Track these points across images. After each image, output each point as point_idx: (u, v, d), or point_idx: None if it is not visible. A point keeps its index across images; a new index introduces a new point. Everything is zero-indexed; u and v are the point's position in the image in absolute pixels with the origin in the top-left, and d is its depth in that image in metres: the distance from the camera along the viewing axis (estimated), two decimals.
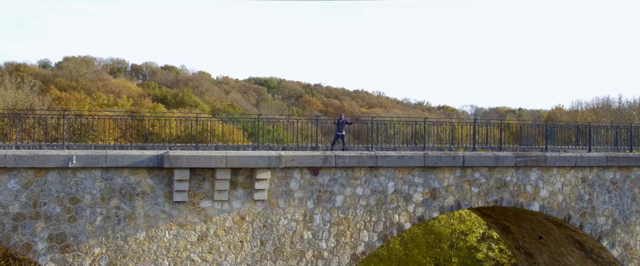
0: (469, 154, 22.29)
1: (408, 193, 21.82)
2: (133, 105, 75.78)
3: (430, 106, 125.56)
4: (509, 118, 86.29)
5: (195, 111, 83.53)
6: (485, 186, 22.62)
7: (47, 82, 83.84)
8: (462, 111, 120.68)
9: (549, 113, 76.33)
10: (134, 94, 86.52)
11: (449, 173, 22.23)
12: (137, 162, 19.25)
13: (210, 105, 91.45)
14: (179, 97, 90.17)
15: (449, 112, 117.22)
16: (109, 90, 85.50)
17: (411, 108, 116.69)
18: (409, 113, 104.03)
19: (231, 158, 19.55)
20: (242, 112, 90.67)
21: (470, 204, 22.50)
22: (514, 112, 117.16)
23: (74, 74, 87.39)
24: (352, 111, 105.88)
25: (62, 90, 79.63)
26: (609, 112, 59.63)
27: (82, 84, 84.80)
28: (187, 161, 19.22)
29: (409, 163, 21.60)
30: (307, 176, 20.86)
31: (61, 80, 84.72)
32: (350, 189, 21.25)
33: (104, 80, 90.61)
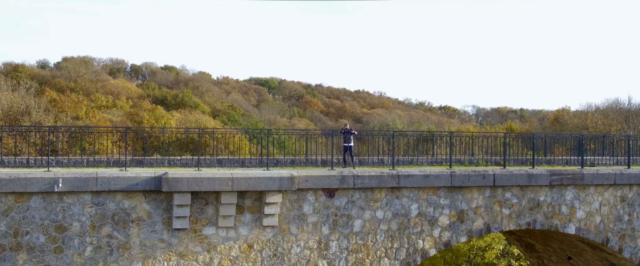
0: (500, 172, 19.82)
1: (433, 215, 19.36)
2: (132, 107, 73.25)
3: (431, 106, 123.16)
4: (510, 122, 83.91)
5: (195, 112, 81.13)
6: (517, 207, 20.16)
7: (46, 82, 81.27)
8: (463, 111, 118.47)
9: (555, 115, 73.91)
10: (133, 95, 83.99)
11: (478, 193, 19.77)
12: (132, 185, 16.76)
13: (211, 106, 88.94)
14: (179, 98, 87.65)
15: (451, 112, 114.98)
16: (108, 91, 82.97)
17: (412, 109, 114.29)
18: (411, 114, 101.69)
19: (238, 179, 17.06)
20: (243, 113, 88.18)
21: (500, 227, 20.06)
22: (515, 113, 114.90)
23: (73, 75, 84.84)
24: (353, 112, 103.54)
25: (61, 91, 77.07)
26: (619, 114, 57.18)
27: (81, 85, 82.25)
28: (188, 183, 16.73)
29: (435, 182, 19.14)
30: (322, 199, 18.40)
31: (60, 81, 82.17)
32: (369, 212, 18.79)
33: (103, 81, 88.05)
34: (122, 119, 66.57)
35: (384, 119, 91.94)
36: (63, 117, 59.85)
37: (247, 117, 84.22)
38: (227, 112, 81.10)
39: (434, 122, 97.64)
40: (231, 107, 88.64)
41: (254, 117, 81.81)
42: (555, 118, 72.23)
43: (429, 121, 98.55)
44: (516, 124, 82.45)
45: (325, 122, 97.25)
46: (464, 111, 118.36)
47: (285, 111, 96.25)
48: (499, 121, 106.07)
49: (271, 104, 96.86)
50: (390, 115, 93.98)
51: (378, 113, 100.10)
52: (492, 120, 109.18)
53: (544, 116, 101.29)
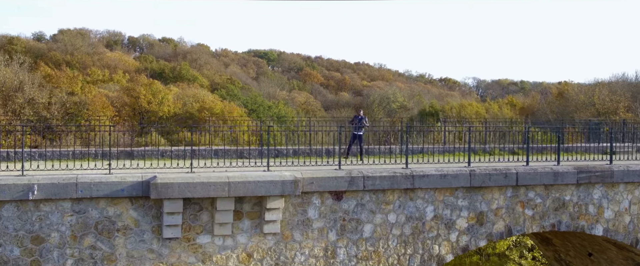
0: (523, 171, 17.80)
1: (450, 218, 17.39)
2: (129, 81, 70.96)
3: (431, 78, 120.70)
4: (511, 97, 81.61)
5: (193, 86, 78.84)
6: (540, 207, 18.19)
7: (42, 55, 78.80)
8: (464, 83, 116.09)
9: (559, 89, 71.66)
10: (130, 69, 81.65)
11: (499, 192, 17.78)
12: (117, 191, 14.73)
13: (209, 79, 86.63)
14: (177, 71, 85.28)
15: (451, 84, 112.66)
16: (104, 64, 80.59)
17: (413, 81, 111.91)
18: (411, 87, 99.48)
19: (235, 184, 15.03)
20: (242, 86, 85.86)
21: (523, 229, 18.11)
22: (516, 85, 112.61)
23: (69, 48, 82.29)
24: (353, 84, 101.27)
25: (57, 65, 74.66)
26: (627, 90, 55.00)
27: (78, 58, 79.80)
28: (180, 189, 14.70)
29: (452, 183, 17.13)
30: (328, 202, 16.40)
31: (56, 54, 79.66)
32: (381, 216, 16.81)
33: (100, 53, 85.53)
34: (118, 94, 64.35)
35: (384, 92, 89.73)
36: (58, 93, 57.58)
37: (246, 90, 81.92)
38: (226, 86, 78.78)
39: (434, 95, 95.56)
40: (230, 80, 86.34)
41: (253, 91, 79.55)
42: (559, 93, 70.04)
43: (430, 94, 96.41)
44: (518, 99, 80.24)
45: (325, 95, 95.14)
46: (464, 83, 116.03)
47: (285, 84, 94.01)
48: (500, 94, 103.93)
49: (270, 77, 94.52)
50: (391, 88, 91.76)
51: (378, 86, 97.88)
52: (492, 92, 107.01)
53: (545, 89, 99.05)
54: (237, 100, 69.76)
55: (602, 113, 51.92)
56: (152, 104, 62.83)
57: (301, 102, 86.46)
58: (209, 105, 62.42)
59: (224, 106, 63.89)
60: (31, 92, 55.47)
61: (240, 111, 65.54)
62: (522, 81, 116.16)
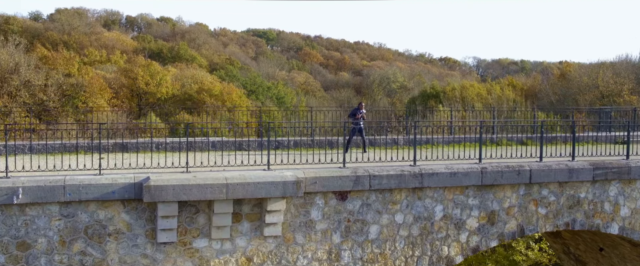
0: (537, 167, 16.77)
1: (460, 218, 16.41)
2: (126, 62, 69.66)
3: (432, 57, 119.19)
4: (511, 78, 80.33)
5: (191, 66, 77.54)
6: (554, 205, 17.21)
7: (39, 35, 77.40)
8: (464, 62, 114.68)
9: (561, 70, 70.41)
10: (128, 49, 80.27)
11: (511, 191, 16.77)
12: (108, 193, 13.72)
13: (208, 59, 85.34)
14: (175, 51, 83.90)
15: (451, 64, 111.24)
16: (102, 44, 79.18)
17: (413, 60, 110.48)
18: (411, 67, 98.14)
19: (234, 186, 14.01)
20: (241, 66, 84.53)
21: (536, 229, 17.15)
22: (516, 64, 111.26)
23: (67, 28, 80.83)
24: (353, 64, 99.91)
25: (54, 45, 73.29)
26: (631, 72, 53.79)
27: (75, 38, 78.40)
28: (175, 192, 13.68)
29: (463, 181, 16.11)
30: (332, 202, 15.40)
31: (53, 34, 78.29)
32: (387, 216, 15.82)
33: (97, 33, 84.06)
34: (116, 75, 63.07)
35: (384, 72, 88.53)
36: (54, 74, 56.32)
37: (245, 70, 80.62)
38: (224, 67, 77.46)
39: (435, 75, 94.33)
40: (229, 60, 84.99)
41: (252, 72, 78.26)
42: (561, 74, 68.79)
43: (430, 73, 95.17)
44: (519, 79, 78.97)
45: (324, 75, 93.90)
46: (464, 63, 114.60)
47: (284, 64, 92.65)
48: (500, 74, 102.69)
49: (270, 57, 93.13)
50: (391, 68, 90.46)
51: (378, 66, 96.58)
52: (492, 72, 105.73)
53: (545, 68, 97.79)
54: (236, 81, 68.52)
55: (606, 96, 50.83)
56: (150, 86, 61.63)
57: (301, 82, 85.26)
58: (207, 87, 61.22)
59: (223, 87, 62.67)
60: (27, 75, 54.23)
61: (239, 92, 64.31)
62: (523, 60, 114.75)
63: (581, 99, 52.46)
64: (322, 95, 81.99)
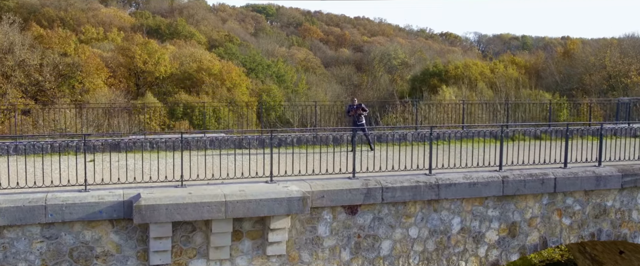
0: (562, 176, 15.29)
1: (479, 230, 14.97)
2: (124, 40, 67.74)
3: (432, 33, 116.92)
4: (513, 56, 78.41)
5: (190, 43, 75.65)
6: (579, 215, 15.76)
7: (34, 12, 75.30)
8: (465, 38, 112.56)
9: (564, 47, 68.52)
10: (125, 25, 78.22)
11: (534, 200, 15.31)
12: (94, 213, 12.24)
13: (206, 35, 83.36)
14: (173, 28, 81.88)
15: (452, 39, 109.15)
16: (99, 21, 77.14)
17: (414, 36, 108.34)
18: (412, 43, 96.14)
19: (233, 204, 12.52)
20: (240, 43, 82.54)
21: (559, 240, 15.73)
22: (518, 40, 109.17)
23: (63, 4, 78.67)
24: (354, 40, 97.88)
25: (50, 22, 71.27)
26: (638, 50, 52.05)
27: (72, 15, 76.34)
28: (168, 212, 12.19)
29: (483, 191, 14.65)
30: (341, 216, 13.94)
31: (49, 10, 76.20)
32: (401, 230, 14.38)
33: (95, 9, 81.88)
34: (113, 54, 61.30)
35: (385, 49, 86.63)
36: (50, 54, 54.52)
37: (244, 47, 78.73)
38: (224, 44, 75.52)
39: (436, 51, 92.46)
40: (228, 37, 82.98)
41: (252, 49, 76.34)
42: (564, 52, 66.99)
43: (431, 49, 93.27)
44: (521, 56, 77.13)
45: (325, 51, 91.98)
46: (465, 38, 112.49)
47: (284, 40, 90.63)
48: (502, 49, 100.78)
49: (269, 33, 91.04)
50: (392, 44, 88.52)
51: (379, 41, 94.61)
52: (494, 48, 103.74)
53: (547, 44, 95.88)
54: (235, 59, 66.71)
55: (613, 76, 49.20)
56: (148, 64, 59.91)
57: (301, 59, 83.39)
58: (206, 65, 59.49)
59: (222, 66, 60.93)
60: (22, 54, 52.50)
61: (238, 71, 62.57)
62: (524, 35, 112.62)
63: (587, 79, 50.85)
64: (323, 72, 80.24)
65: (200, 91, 57.03)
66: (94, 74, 54.78)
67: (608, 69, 49.94)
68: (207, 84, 57.49)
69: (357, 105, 19.65)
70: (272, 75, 67.38)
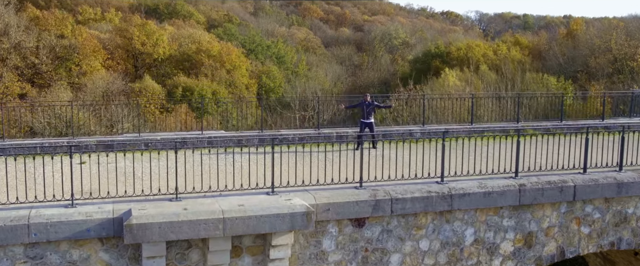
0: (582, 183, 14.25)
1: (493, 242, 13.99)
2: (121, 21, 66.27)
3: (433, 12, 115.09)
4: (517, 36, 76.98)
5: (188, 23, 74.25)
6: (599, 223, 14.77)
7: None
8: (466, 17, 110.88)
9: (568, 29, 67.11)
10: (123, 5, 76.67)
11: (552, 209, 14.30)
12: (81, 232, 11.22)
13: (206, 15, 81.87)
14: (172, 7, 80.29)
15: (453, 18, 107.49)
16: (97, 0, 75.51)
17: (414, 15, 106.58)
18: (413, 22, 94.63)
19: (232, 220, 11.50)
20: (239, 23, 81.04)
21: (577, 250, 14.76)
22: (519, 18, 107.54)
23: None
24: (354, 19, 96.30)
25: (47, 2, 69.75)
26: None
27: None
28: (161, 231, 11.17)
29: (498, 201, 13.63)
30: (347, 229, 12.94)
31: None
32: (411, 243, 13.39)
33: None
34: (110, 35, 59.92)
35: (386, 28, 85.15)
36: (46, 36, 53.15)
37: (243, 27, 77.23)
38: (223, 25, 74.04)
39: (437, 31, 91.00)
40: (227, 16, 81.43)
41: (251, 29, 74.85)
42: (567, 32, 65.60)
43: (432, 29, 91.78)
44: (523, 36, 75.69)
45: (325, 31, 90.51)
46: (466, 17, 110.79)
47: (284, 19, 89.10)
48: (503, 28, 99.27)
49: (269, 13, 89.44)
50: (393, 24, 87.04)
51: (379, 21, 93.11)
52: (495, 27, 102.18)
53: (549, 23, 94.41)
54: (234, 40, 65.33)
55: (618, 59, 47.97)
56: (146, 46, 58.52)
57: (301, 38, 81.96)
58: (206, 47, 58.14)
59: (222, 47, 59.59)
60: (17, 37, 51.11)
61: (238, 52, 61.22)
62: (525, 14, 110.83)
63: (593, 62, 49.63)
64: (323, 52, 78.91)
65: (199, 73, 55.79)
66: (91, 56, 53.47)
67: (614, 51, 48.66)
68: (206, 66, 56.22)
69: (369, 102, 18.56)
70: (272, 56, 66.06)
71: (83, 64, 53.09)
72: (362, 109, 18.66)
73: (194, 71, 56.37)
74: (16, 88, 48.17)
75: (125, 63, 58.30)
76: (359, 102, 19.32)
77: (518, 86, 40.61)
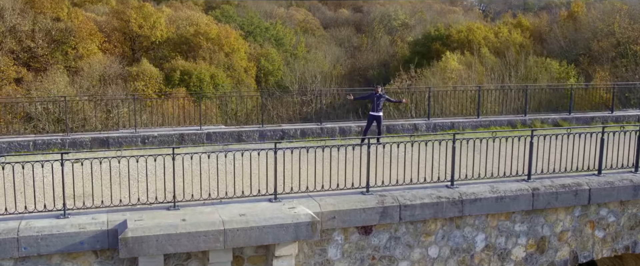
0: (597, 186, 13.60)
1: (505, 247, 13.37)
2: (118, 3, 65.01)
3: None
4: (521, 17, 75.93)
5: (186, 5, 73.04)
6: (614, 227, 14.16)
7: None
8: None
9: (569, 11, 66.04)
10: None
11: (565, 213, 13.67)
12: (74, 244, 10.56)
13: None
14: None
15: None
16: None
17: None
18: (413, 3, 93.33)
19: (233, 232, 10.84)
20: (237, 4, 79.78)
21: (591, 255, 14.16)
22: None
23: None
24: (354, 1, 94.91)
25: None
26: None
27: None
28: (159, 243, 10.52)
29: (511, 206, 12.99)
30: (354, 237, 12.30)
31: None
32: (419, 250, 12.77)
33: None
34: (107, 18, 58.80)
35: (385, 10, 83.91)
36: (42, 19, 52.06)
37: (242, 8, 76.03)
38: (221, 6, 72.85)
39: (436, 12, 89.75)
40: None
41: (250, 10, 73.66)
42: (569, 15, 64.53)
43: (432, 10, 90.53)
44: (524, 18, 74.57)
45: (324, 12, 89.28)
46: None
47: None
48: (503, 9, 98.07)
49: None
50: (392, 5, 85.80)
51: (379, 2, 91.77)
52: (495, 7, 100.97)
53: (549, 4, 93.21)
54: (233, 22, 64.24)
55: (622, 43, 47.12)
56: (143, 29, 57.45)
57: (299, 20, 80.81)
58: (204, 29, 57.09)
59: (220, 30, 58.55)
60: (12, 20, 50.04)
61: (236, 35, 60.20)
62: None
63: (595, 46, 48.78)
64: (322, 34, 77.82)
65: (197, 56, 54.86)
66: (88, 40, 52.46)
67: (617, 35, 47.77)
68: (204, 49, 55.29)
69: (380, 94, 17.80)
70: (271, 38, 65.06)
71: (79, 47, 52.10)
72: (372, 101, 17.93)
73: (192, 53, 55.43)
74: (12, 72, 47.27)
75: (122, 46, 57.30)
76: (369, 94, 18.61)
77: (522, 71, 39.79)
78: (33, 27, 50.98)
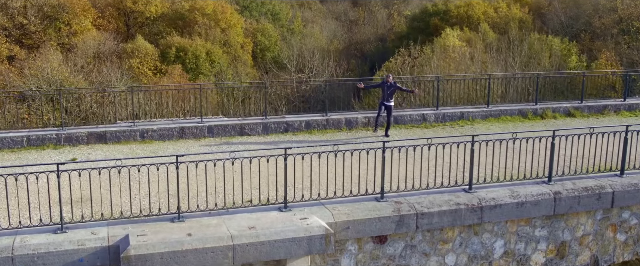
0: (620, 188, 12.90)
1: (524, 253, 12.71)
2: None
3: None
4: None
5: None
6: (635, 229, 13.51)
7: None
8: None
9: None
10: None
11: (587, 216, 12.99)
12: (73, 262, 9.82)
13: None
14: None
15: None
16: None
17: None
18: None
19: (242, 247, 10.11)
20: None
21: (612, 259, 13.54)
22: None
23: None
24: None
25: None
26: None
27: None
28: (163, 262, 9.78)
29: (531, 211, 12.29)
30: (368, 246, 11.60)
31: None
32: (436, 258, 12.09)
33: None
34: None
35: None
36: None
37: None
38: None
39: None
40: None
41: None
42: None
43: None
44: None
45: None
46: None
47: None
48: None
49: None
50: None
51: None
52: None
53: None
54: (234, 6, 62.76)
55: (624, 19, 46.19)
56: (137, 4, 56.07)
57: None
58: (199, 5, 55.76)
59: (216, 5, 57.20)
60: None
61: (232, 10, 58.90)
62: None
63: (596, 22, 47.84)
64: (318, 7, 76.40)
65: (193, 32, 53.66)
66: (81, 16, 51.15)
67: (619, 12, 46.79)
68: (200, 25, 54.06)
69: (391, 83, 17.00)
70: (267, 13, 63.75)
71: (73, 23, 50.83)
72: (383, 90, 17.15)
73: (188, 29, 54.22)
74: (4, 50, 46.09)
75: (117, 22, 56.00)
76: (379, 83, 17.86)
77: (525, 51, 38.86)
78: (25, 3, 49.61)
